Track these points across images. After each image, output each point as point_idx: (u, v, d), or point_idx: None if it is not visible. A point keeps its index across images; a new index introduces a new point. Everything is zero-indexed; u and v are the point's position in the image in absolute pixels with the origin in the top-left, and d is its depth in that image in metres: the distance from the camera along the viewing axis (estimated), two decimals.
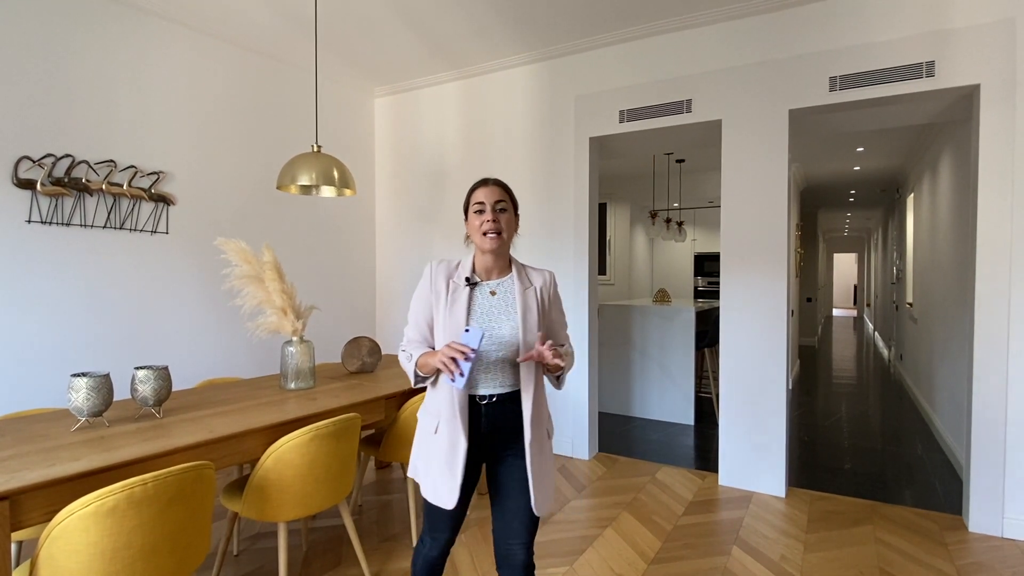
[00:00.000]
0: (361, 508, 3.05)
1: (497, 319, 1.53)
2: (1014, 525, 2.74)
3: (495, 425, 1.53)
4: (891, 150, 5.79)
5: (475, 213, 1.55)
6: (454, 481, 1.49)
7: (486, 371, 1.51)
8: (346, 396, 2.45)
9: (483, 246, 1.54)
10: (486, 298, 1.55)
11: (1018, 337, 2.72)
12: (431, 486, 1.54)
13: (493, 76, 4.20)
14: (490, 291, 1.57)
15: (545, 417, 1.59)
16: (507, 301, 1.56)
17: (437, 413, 1.53)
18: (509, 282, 1.59)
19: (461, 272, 1.58)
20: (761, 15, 3.24)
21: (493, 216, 1.53)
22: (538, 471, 1.52)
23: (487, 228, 1.52)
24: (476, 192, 1.57)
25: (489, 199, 1.54)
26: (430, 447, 1.55)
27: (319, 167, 2.60)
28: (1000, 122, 2.73)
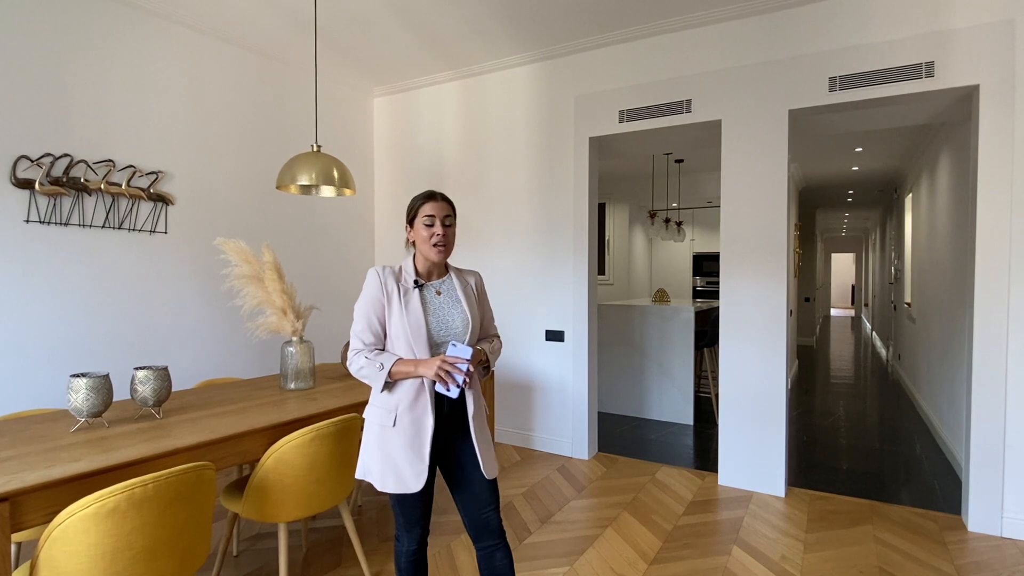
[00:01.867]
0: (361, 509, 3.04)
1: (449, 313, 1.71)
2: (1013, 524, 2.74)
3: (449, 414, 1.69)
4: (889, 150, 5.80)
5: (424, 225, 1.68)
6: (422, 464, 1.61)
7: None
8: (346, 396, 2.44)
9: (431, 256, 1.69)
10: (434, 297, 1.71)
11: (1017, 336, 2.72)
12: (394, 476, 1.62)
13: (492, 76, 4.19)
14: (436, 291, 1.73)
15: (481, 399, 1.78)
16: (452, 297, 1.73)
17: (394, 407, 1.63)
18: (450, 281, 1.76)
19: (406, 275, 1.71)
20: (761, 15, 3.24)
21: (443, 231, 1.68)
22: (483, 443, 1.70)
23: (437, 241, 1.67)
24: (425, 206, 1.68)
25: (439, 214, 1.68)
26: (388, 440, 1.63)
27: (319, 167, 2.60)
28: (999, 122, 2.74)
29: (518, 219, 4.12)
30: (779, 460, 3.24)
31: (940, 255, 4.50)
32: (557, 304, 3.97)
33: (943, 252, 4.37)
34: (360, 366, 1.63)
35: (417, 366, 1.58)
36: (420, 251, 1.71)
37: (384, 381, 1.60)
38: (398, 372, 1.60)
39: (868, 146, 5.61)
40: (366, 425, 1.70)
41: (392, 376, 1.60)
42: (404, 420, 1.62)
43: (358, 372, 1.64)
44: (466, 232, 4.36)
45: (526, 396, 4.12)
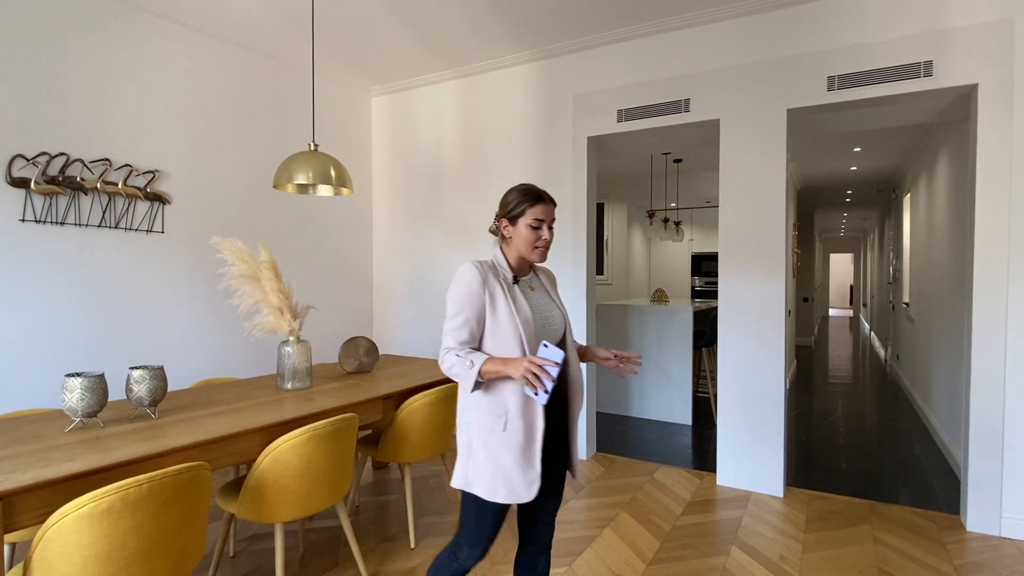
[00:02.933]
0: (359, 509, 3.03)
1: (547, 307, 1.65)
2: (1012, 524, 2.74)
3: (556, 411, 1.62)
4: (888, 150, 5.80)
5: (530, 227, 1.59)
6: (534, 472, 1.51)
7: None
8: (343, 396, 2.43)
9: (531, 257, 1.62)
10: (527, 293, 1.64)
11: (1016, 336, 2.72)
12: (505, 485, 1.50)
13: (491, 75, 4.19)
14: (529, 287, 1.67)
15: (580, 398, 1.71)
16: (541, 293, 1.69)
17: (503, 410, 1.52)
18: (535, 278, 1.72)
19: (503, 271, 1.62)
20: (759, 14, 3.24)
21: (549, 236, 1.61)
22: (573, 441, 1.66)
23: (543, 244, 1.61)
24: (535, 208, 1.59)
25: (547, 218, 1.60)
26: (497, 447, 1.52)
27: (316, 166, 2.59)
28: (998, 122, 2.73)
29: None
30: (777, 460, 3.24)
31: (939, 255, 4.50)
32: None
33: (942, 252, 4.37)
34: (451, 364, 1.53)
35: (506, 365, 1.45)
36: (517, 249, 1.62)
37: (475, 381, 1.49)
38: (488, 371, 1.48)
39: (867, 146, 5.61)
40: (468, 431, 1.58)
41: (482, 375, 1.48)
42: (515, 424, 1.51)
43: (449, 370, 1.54)
44: (464, 231, 4.35)
45: None
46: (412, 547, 2.59)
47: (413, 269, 4.62)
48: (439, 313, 4.48)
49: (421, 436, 2.63)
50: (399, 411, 2.56)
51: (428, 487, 3.33)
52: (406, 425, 2.57)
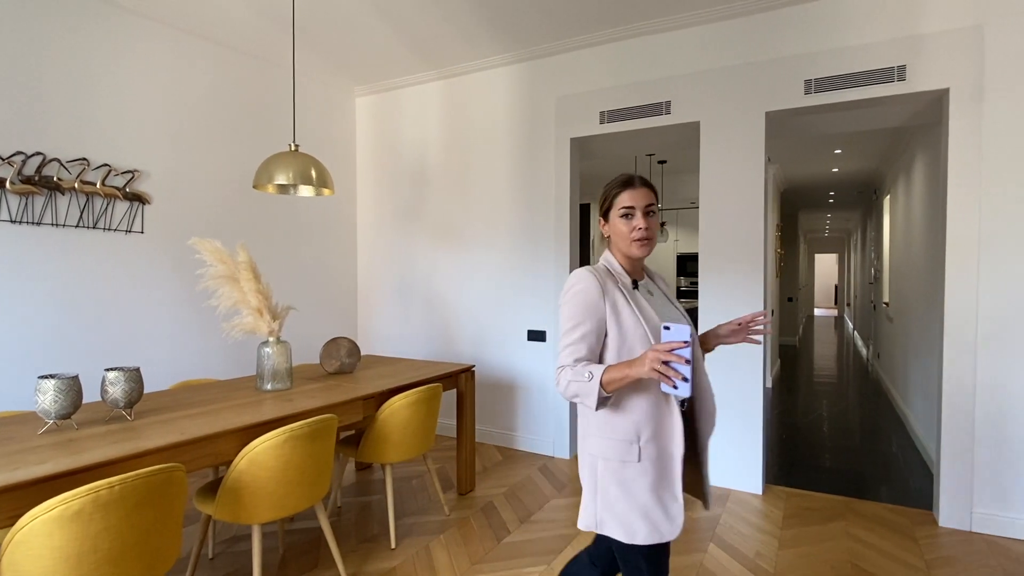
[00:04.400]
0: (340, 509, 3.03)
1: (673, 314, 1.46)
2: (982, 519, 2.80)
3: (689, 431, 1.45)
4: (867, 152, 5.88)
5: (622, 218, 1.40)
6: (676, 504, 1.33)
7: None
8: (323, 397, 2.43)
9: (632, 252, 1.41)
10: (648, 297, 1.45)
11: (986, 336, 2.78)
12: (645, 523, 1.32)
13: (474, 76, 4.20)
14: (648, 291, 1.47)
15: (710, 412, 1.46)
16: (661, 299, 1.49)
17: (634, 435, 1.33)
18: (652, 281, 1.54)
19: (619, 275, 1.44)
20: (738, 18, 3.28)
21: (645, 223, 1.39)
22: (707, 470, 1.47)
23: (638, 235, 1.38)
24: (622, 195, 1.40)
25: (639, 203, 1.39)
26: (631, 479, 1.33)
27: (296, 166, 2.58)
28: (968, 125, 2.79)
29: (500, 219, 4.13)
30: (756, 458, 3.28)
31: (915, 256, 4.58)
32: (539, 304, 3.98)
33: (918, 253, 4.45)
34: (568, 381, 1.32)
35: (630, 366, 1.23)
36: (619, 248, 1.43)
37: (598, 396, 1.27)
38: (611, 380, 1.25)
39: (847, 148, 5.69)
40: (592, 463, 1.38)
41: (605, 386, 1.26)
42: (649, 452, 1.32)
43: (566, 390, 1.33)
44: (449, 232, 4.36)
45: (508, 396, 4.13)
46: (392, 547, 2.59)
47: (398, 270, 4.62)
48: (424, 313, 4.49)
49: (403, 436, 2.64)
50: (380, 412, 2.57)
51: (411, 487, 3.33)
52: (387, 426, 2.57)
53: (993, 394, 2.77)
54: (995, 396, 2.77)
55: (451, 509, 3.02)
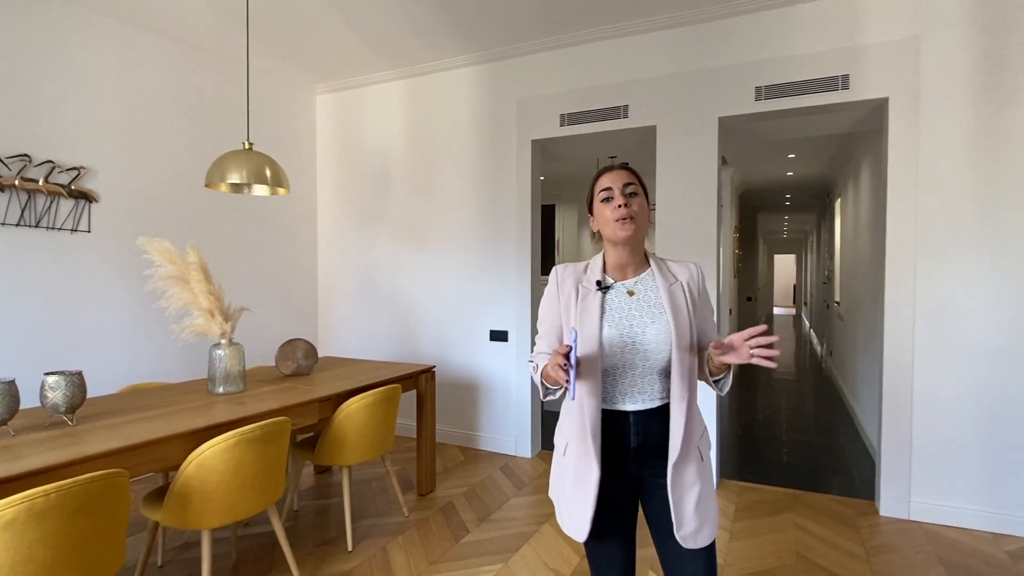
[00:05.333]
0: (297, 513, 2.99)
1: (639, 321, 1.31)
2: (919, 508, 2.94)
3: (642, 444, 1.33)
4: (819, 157, 6.10)
5: (602, 202, 1.34)
6: (584, 512, 1.30)
7: (637, 383, 1.32)
8: (277, 399, 2.40)
9: (615, 236, 1.32)
10: (623, 300, 1.34)
11: (922, 334, 2.92)
12: (564, 512, 1.36)
13: (436, 76, 4.19)
14: (627, 291, 1.35)
15: (697, 435, 1.34)
16: (649, 301, 1.34)
17: (567, 433, 1.36)
18: (648, 279, 1.37)
19: (591, 274, 1.37)
20: (692, 26, 3.36)
21: (624, 200, 1.30)
22: (682, 495, 1.29)
23: (619, 214, 1.30)
24: (601, 179, 1.36)
25: (617, 183, 1.33)
26: (561, 470, 1.37)
27: (250, 165, 2.54)
28: (906, 133, 2.93)
29: (463, 219, 4.13)
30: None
31: (862, 257, 4.77)
32: (501, 304, 4.01)
33: (864, 254, 4.64)
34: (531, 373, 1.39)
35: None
36: (606, 238, 1.36)
37: (542, 387, 1.31)
38: (545, 375, 1.27)
39: (800, 153, 5.89)
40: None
41: (544, 379, 1.29)
42: (571, 453, 1.33)
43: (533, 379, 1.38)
44: (412, 232, 4.34)
45: (471, 396, 4.14)
46: (349, 550, 2.57)
47: (360, 270, 4.58)
48: (387, 314, 4.46)
49: (360, 438, 2.62)
50: (336, 414, 2.55)
51: (370, 489, 3.31)
52: (343, 428, 2.55)
53: (929, 390, 2.92)
54: (931, 392, 2.91)
55: (410, 510, 3.02)
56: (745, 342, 1.16)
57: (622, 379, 1.32)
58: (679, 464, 1.29)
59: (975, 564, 2.49)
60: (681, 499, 1.29)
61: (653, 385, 1.32)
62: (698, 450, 1.33)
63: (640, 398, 1.32)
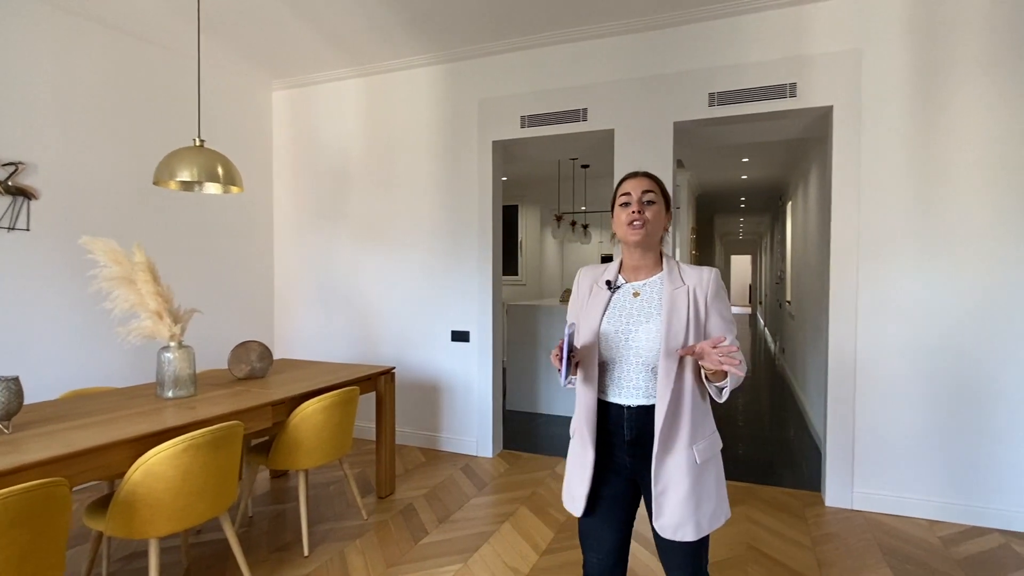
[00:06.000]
0: (252, 519, 2.92)
1: (635, 321, 1.41)
2: (861, 498, 3.09)
3: (635, 438, 1.41)
4: (771, 161, 6.32)
5: (621, 206, 1.44)
6: (580, 489, 1.44)
7: (628, 379, 1.40)
8: (229, 403, 2.34)
9: (627, 238, 1.43)
10: (627, 299, 1.44)
11: (864, 332, 3.07)
12: (566, 489, 1.51)
13: (396, 75, 4.16)
14: (633, 292, 1.45)
15: (687, 431, 1.37)
16: (651, 302, 1.42)
17: (575, 419, 1.49)
18: (657, 282, 1.44)
19: (606, 275, 1.50)
20: (649, 31, 3.44)
21: (639, 207, 1.41)
22: (665, 489, 1.36)
23: (632, 219, 1.40)
24: (623, 184, 1.46)
25: (636, 190, 1.43)
26: (570, 451, 1.52)
27: (201, 162, 2.47)
28: (849, 140, 3.07)
29: (424, 220, 4.11)
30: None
31: (810, 258, 4.96)
32: (463, 305, 4.00)
33: (812, 255, 4.83)
34: None
35: None
36: (621, 239, 1.46)
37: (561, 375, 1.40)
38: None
39: (753, 157, 6.09)
40: None
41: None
42: (576, 437, 1.48)
43: None
44: (372, 232, 4.29)
45: (432, 397, 4.12)
46: (306, 555, 2.53)
47: (318, 270, 4.50)
48: (346, 315, 4.40)
49: (316, 441, 2.58)
50: (291, 417, 2.50)
51: (328, 493, 3.26)
52: (299, 431, 2.51)
53: (871, 385, 3.06)
54: (873, 387, 3.06)
55: (369, 513, 2.99)
56: (713, 349, 1.21)
57: (615, 372, 1.42)
58: (662, 458, 1.36)
59: (911, 549, 2.63)
60: (664, 492, 1.36)
61: (647, 382, 1.40)
62: (692, 450, 1.37)
63: (634, 393, 1.41)
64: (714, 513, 1.40)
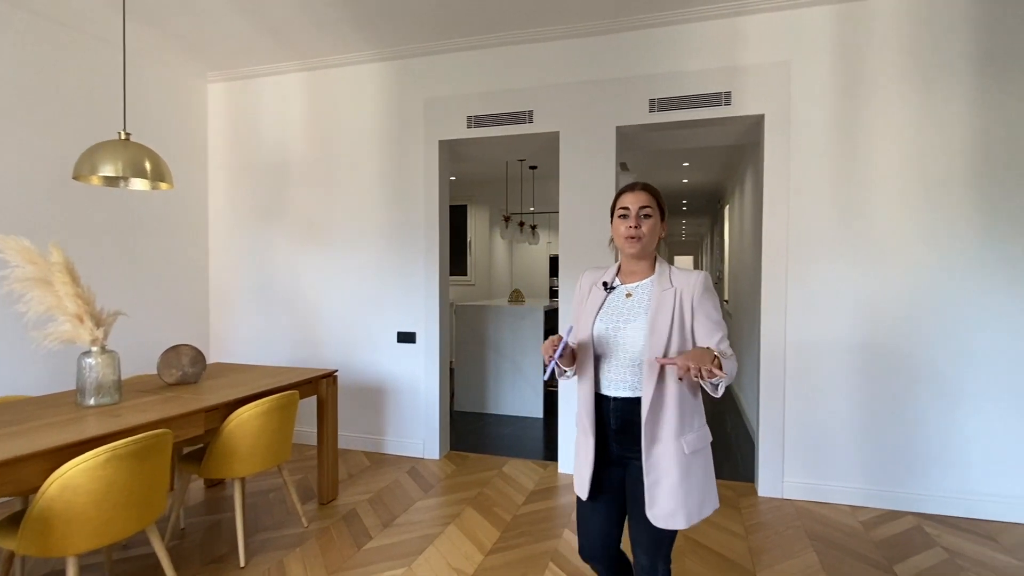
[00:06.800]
0: (184, 531, 2.79)
1: (625, 319, 1.53)
2: (791, 487, 3.25)
3: (622, 425, 1.52)
4: (711, 166, 6.56)
5: (619, 218, 1.56)
6: (585, 472, 1.55)
7: (617, 373, 1.52)
8: (157, 411, 2.23)
9: (625, 249, 1.56)
10: (620, 300, 1.57)
11: (793, 330, 3.23)
12: (576, 471, 1.60)
13: (340, 71, 4.07)
14: (626, 293, 1.57)
15: (673, 423, 1.45)
16: (642, 303, 1.54)
17: (577, 410, 1.61)
18: (648, 284, 1.57)
19: (604, 277, 1.63)
20: (592, 36, 3.50)
21: (636, 222, 1.52)
22: (658, 479, 1.44)
23: (628, 233, 1.53)
24: (623, 197, 1.56)
25: (634, 204, 1.53)
26: (576, 440, 1.62)
27: (126, 157, 2.34)
28: (779, 148, 3.23)
29: (369, 219, 4.04)
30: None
31: (746, 258, 5.19)
32: (409, 306, 3.96)
33: (748, 255, 5.05)
34: None
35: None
36: (619, 248, 1.59)
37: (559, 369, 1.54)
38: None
39: (694, 161, 6.30)
40: None
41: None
42: (579, 427, 1.60)
43: None
44: (314, 231, 4.18)
45: (377, 399, 4.06)
46: (242, 566, 2.44)
47: (257, 271, 4.34)
48: (287, 317, 4.26)
49: (253, 448, 2.49)
50: (226, 423, 2.41)
51: (267, 501, 3.16)
52: (234, 438, 2.42)
53: (799, 379, 3.23)
54: (801, 381, 3.23)
55: (310, 520, 2.91)
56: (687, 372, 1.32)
57: (607, 367, 1.53)
58: (650, 449, 1.46)
59: (835, 534, 2.79)
60: (656, 483, 1.45)
61: (633, 376, 1.50)
62: (680, 442, 1.46)
63: (621, 386, 1.51)
64: (703, 503, 1.48)
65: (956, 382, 3.01)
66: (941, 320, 3.01)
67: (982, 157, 2.95)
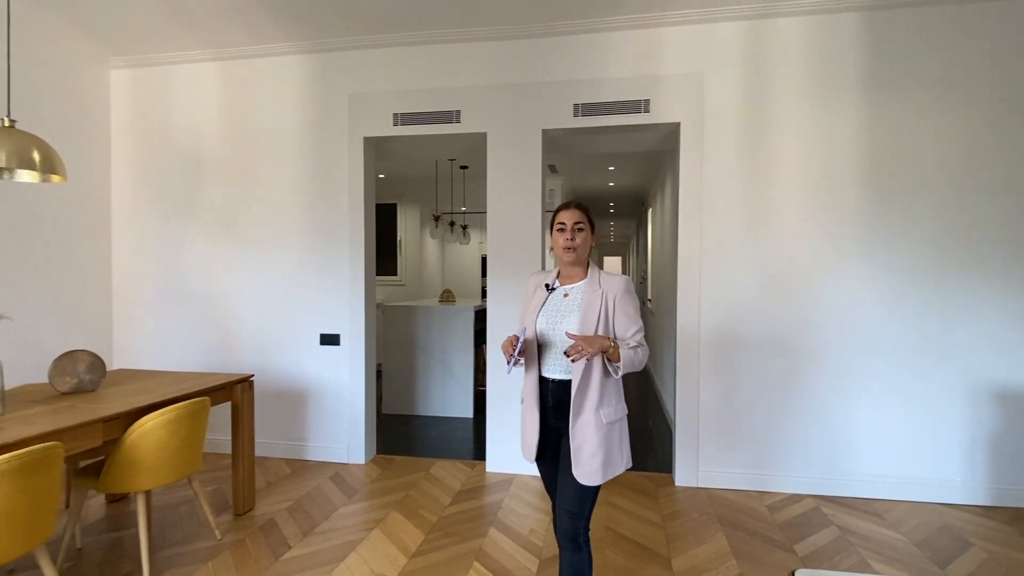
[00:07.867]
0: (81, 551, 2.59)
1: (561, 315, 1.81)
2: (705, 476, 3.44)
3: (556, 403, 1.81)
4: (634, 170, 6.80)
5: (558, 231, 1.84)
6: (532, 439, 1.85)
7: (555, 360, 1.81)
8: (47, 422, 2.06)
9: (562, 258, 1.84)
10: (559, 299, 1.85)
11: (706, 327, 3.42)
12: (522, 439, 1.89)
13: (259, 61, 3.90)
14: (564, 293, 1.86)
15: (594, 399, 1.75)
16: (576, 302, 1.82)
17: (523, 390, 1.87)
18: (582, 286, 1.85)
19: (546, 279, 1.91)
20: (518, 40, 3.55)
21: (571, 235, 1.81)
22: (581, 444, 1.73)
23: (565, 244, 1.81)
24: (560, 213, 1.85)
25: (569, 220, 1.82)
26: (522, 414, 1.89)
27: (10, 146, 2.14)
28: (693, 155, 3.40)
29: (290, 216, 3.89)
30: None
31: (666, 260, 5.42)
32: (333, 307, 3.85)
33: (667, 257, 5.28)
34: None
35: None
36: (557, 257, 1.87)
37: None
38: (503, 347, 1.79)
39: (618, 166, 6.51)
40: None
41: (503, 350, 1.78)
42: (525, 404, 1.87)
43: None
44: (230, 229, 3.98)
45: (298, 404, 3.92)
46: None
47: (166, 271, 4.08)
48: (200, 320, 4.03)
49: (159, 460, 2.35)
50: (127, 434, 2.25)
51: (177, 515, 2.98)
52: (137, 449, 2.27)
53: (713, 376, 3.42)
54: (715, 377, 3.42)
55: (224, 532, 2.78)
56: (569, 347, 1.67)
57: (547, 354, 1.82)
58: (576, 419, 1.75)
59: (743, 519, 2.97)
60: (580, 447, 1.74)
61: (566, 362, 1.78)
62: (599, 414, 1.75)
63: (558, 370, 1.81)
64: (616, 463, 1.79)
65: (851, 373, 3.28)
66: (837, 315, 3.28)
67: (871, 163, 3.23)
